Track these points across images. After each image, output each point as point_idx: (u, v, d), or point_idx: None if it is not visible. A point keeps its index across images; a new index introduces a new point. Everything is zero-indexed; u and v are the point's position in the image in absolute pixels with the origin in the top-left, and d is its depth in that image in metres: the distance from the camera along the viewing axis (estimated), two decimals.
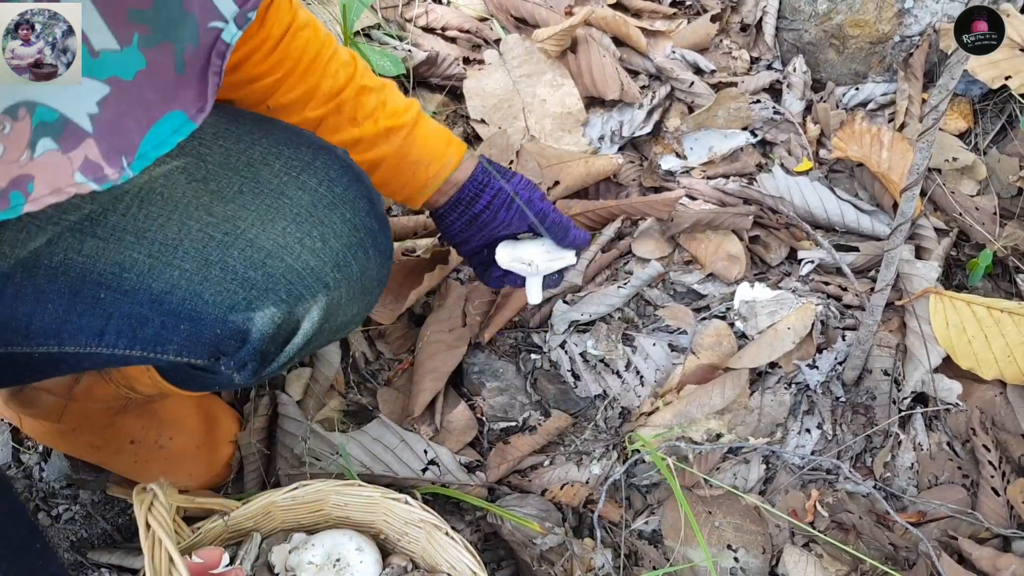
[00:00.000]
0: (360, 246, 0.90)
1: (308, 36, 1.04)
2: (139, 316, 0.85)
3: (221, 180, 0.87)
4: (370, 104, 1.08)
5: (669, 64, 1.66)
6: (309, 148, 0.92)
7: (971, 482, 1.31)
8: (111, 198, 0.85)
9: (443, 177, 1.14)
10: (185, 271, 0.84)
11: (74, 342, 0.88)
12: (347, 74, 1.07)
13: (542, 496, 1.31)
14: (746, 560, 1.27)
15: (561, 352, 1.40)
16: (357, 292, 0.92)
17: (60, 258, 0.85)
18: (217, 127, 0.90)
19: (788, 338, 1.34)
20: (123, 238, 0.85)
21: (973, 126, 1.63)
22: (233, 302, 0.84)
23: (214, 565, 1.02)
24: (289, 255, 0.85)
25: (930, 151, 1.05)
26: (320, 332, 0.90)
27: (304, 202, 0.87)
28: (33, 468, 1.37)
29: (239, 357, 0.87)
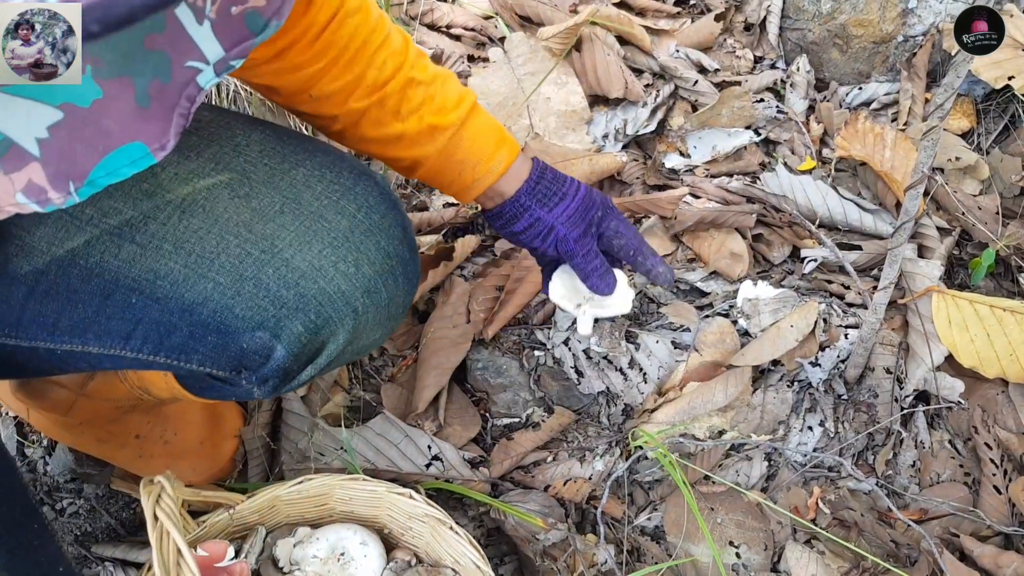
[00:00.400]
0: (391, 273, 0.91)
1: (356, 23, 0.98)
2: (168, 324, 0.87)
3: (263, 199, 0.88)
4: (416, 98, 1.02)
5: (673, 63, 1.66)
6: (351, 173, 0.93)
7: (973, 480, 1.32)
8: (153, 206, 0.86)
9: (487, 183, 1.08)
10: (219, 284, 0.85)
11: (99, 343, 0.89)
12: (395, 64, 1.01)
13: (545, 492, 1.31)
14: (748, 556, 1.27)
15: (564, 349, 1.40)
16: (383, 318, 0.93)
17: (96, 260, 0.86)
18: (263, 145, 0.92)
19: (791, 336, 1.35)
20: (161, 246, 0.86)
21: (976, 126, 1.64)
22: (263, 319, 0.85)
23: (219, 558, 1.02)
24: (323, 278, 0.86)
25: (935, 149, 1.05)
26: (344, 353, 0.92)
27: (342, 227, 0.88)
28: (38, 462, 1.38)
29: (262, 373, 0.88)
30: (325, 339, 0.88)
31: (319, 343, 0.88)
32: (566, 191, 1.10)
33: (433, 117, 1.03)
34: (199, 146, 0.90)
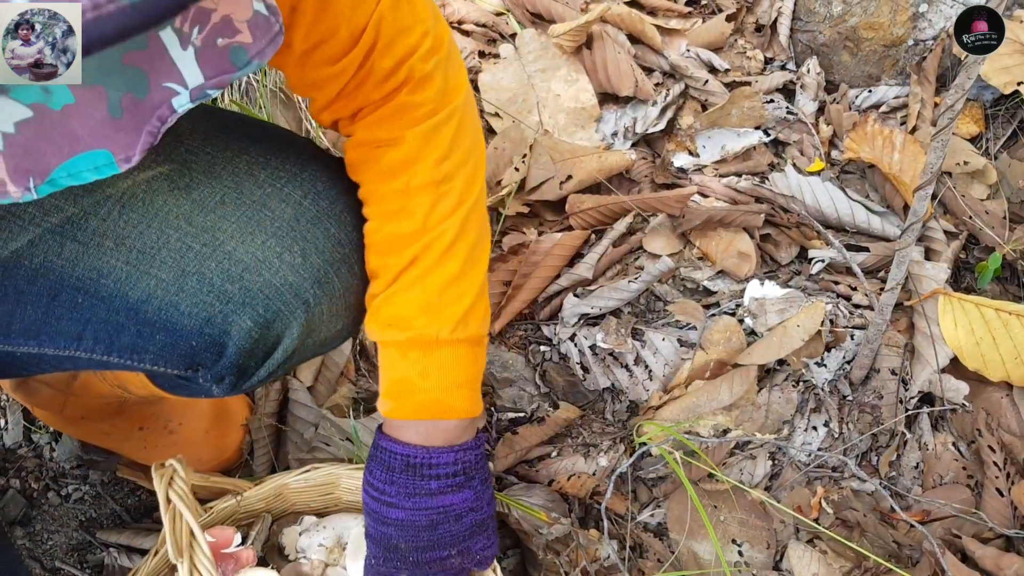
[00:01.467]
0: (344, 262, 0.88)
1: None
2: (116, 323, 0.84)
3: (203, 189, 0.85)
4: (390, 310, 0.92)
5: (684, 62, 1.66)
6: (299, 159, 0.89)
7: (975, 482, 1.32)
8: (93, 202, 0.84)
9: (418, 415, 0.93)
10: (161, 280, 0.83)
11: (53, 344, 0.87)
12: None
13: (549, 487, 1.32)
14: (750, 555, 1.28)
15: (571, 345, 1.41)
16: (340, 308, 0.89)
17: (40, 260, 0.84)
18: (207, 134, 0.89)
19: (797, 336, 1.35)
20: (102, 243, 0.84)
21: (984, 130, 1.64)
22: (209, 315, 0.83)
23: (226, 545, 1.03)
24: (267, 269, 0.83)
25: (944, 150, 1.06)
26: (303, 348, 0.88)
27: (286, 215, 0.85)
28: (44, 448, 1.38)
29: (216, 370, 0.85)
30: (279, 333, 0.85)
31: (272, 338, 0.85)
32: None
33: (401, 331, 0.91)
34: None
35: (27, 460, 1.37)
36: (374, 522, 0.94)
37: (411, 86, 0.86)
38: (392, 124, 0.87)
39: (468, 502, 0.95)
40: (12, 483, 1.34)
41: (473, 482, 0.95)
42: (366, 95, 0.86)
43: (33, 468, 1.36)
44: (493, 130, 1.62)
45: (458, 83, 0.90)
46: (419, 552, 0.94)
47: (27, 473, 1.36)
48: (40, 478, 1.36)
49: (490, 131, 1.63)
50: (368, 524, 0.95)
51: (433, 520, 0.93)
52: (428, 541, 0.94)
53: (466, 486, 0.94)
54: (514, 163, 1.54)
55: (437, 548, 0.94)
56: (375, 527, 0.94)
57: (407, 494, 0.92)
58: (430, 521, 0.93)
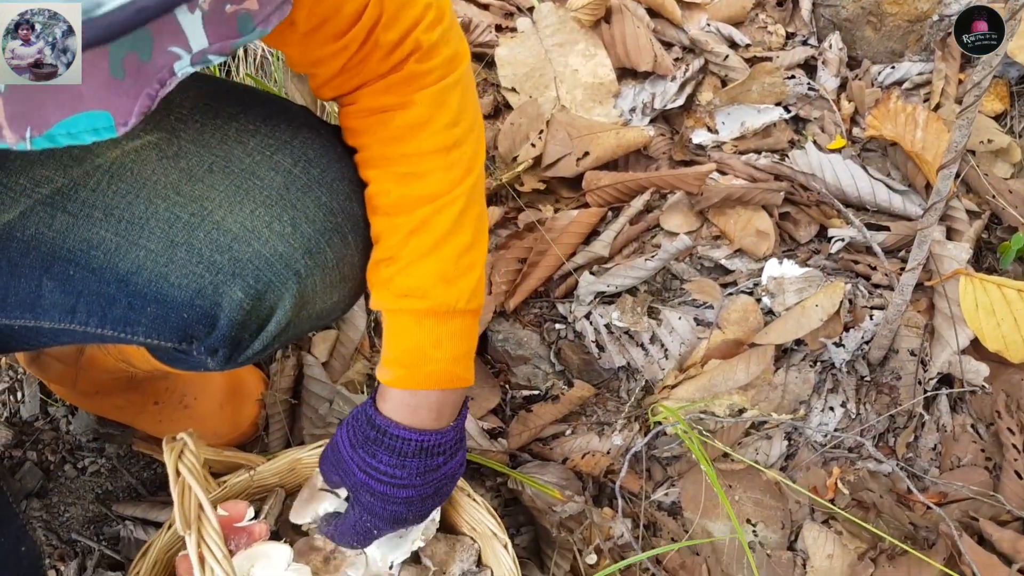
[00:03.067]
0: (336, 231, 0.86)
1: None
2: (107, 296, 0.84)
3: (192, 158, 0.84)
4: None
5: (704, 37, 1.64)
6: (289, 126, 0.87)
7: (994, 465, 1.31)
8: (82, 172, 0.83)
9: (398, 383, 0.93)
10: (151, 251, 0.82)
11: (48, 317, 0.86)
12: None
13: (563, 465, 1.31)
14: (765, 535, 1.27)
15: (586, 323, 1.40)
16: (335, 279, 0.88)
17: (32, 232, 0.83)
18: (197, 101, 0.87)
19: (815, 315, 1.34)
20: (91, 214, 0.83)
21: (1009, 108, 1.61)
22: (199, 286, 0.82)
23: (239, 518, 1.03)
24: (256, 240, 0.82)
25: (969, 129, 1.03)
26: (299, 320, 0.87)
27: (276, 184, 0.84)
28: (60, 421, 1.39)
29: (209, 343, 0.84)
30: (271, 305, 0.84)
31: (265, 309, 0.84)
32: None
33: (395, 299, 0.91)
34: None
35: (44, 433, 1.38)
36: (381, 503, 0.94)
37: (418, 55, 0.85)
38: (401, 89, 0.86)
39: (461, 460, 0.98)
40: (29, 455, 1.35)
41: (463, 442, 0.98)
42: (371, 69, 0.85)
43: (50, 441, 1.37)
44: (510, 105, 1.60)
45: (462, 52, 0.90)
46: (422, 516, 0.98)
47: (44, 446, 1.37)
48: (57, 451, 1.36)
49: (506, 106, 1.61)
50: (368, 501, 0.95)
51: (437, 488, 0.96)
52: (432, 504, 0.98)
53: (460, 447, 0.97)
54: (530, 139, 1.53)
55: (436, 504, 0.99)
56: (382, 506, 0.94)
57: (418, 473, 0.93)
58: (435, 489, 0.96)
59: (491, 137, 1.56)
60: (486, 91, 1.64)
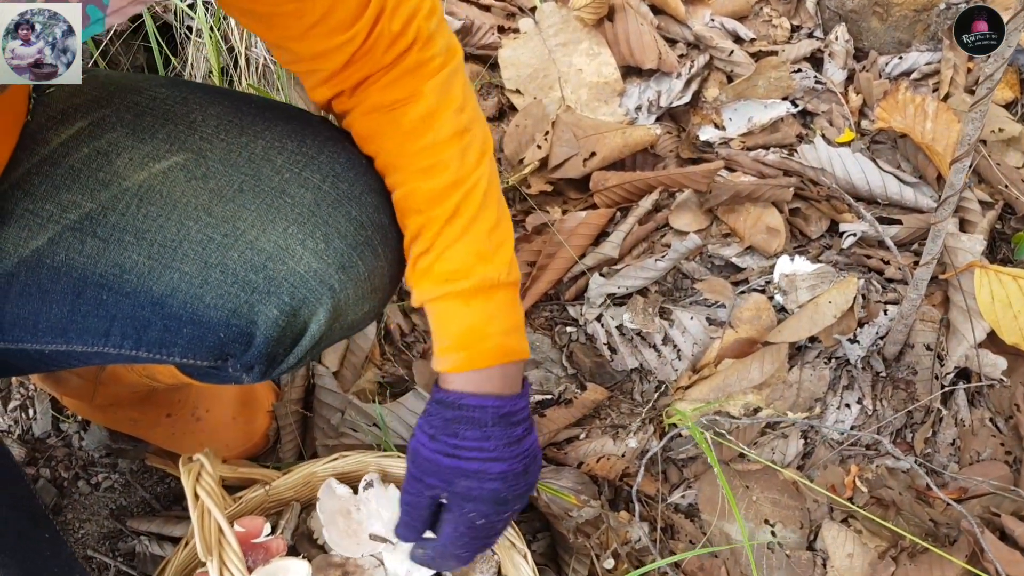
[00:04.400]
0: (367, 244, 0.86)
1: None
2: (142, 319, 0.83)
3: (221, 178, 0.84)
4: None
5: (708, 32, 1.63)
6: (315, 140, 0.88)
7: (1014, 459, 1.29)
8: (110, 196, 0.83)
9: (458, 367, 0.92)
10: (185, 274, 0.82)
11: (81, 341, 0.86)
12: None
13: (578, 469, 1.30)
14: (784, 535, 1.26)
15: (597, 325, 1.39)
16: (366, 291, 0.88)
17: (62, 258, 0.83)
18: (220, 119, 0.87)
19: (829, 312, 1.32)
20: (122, 238, 0.82)
21: (1020, 96, 1.60)
22: (235, 305, 0.82)
23: (256, 534, 1.03)
24: (291, 257, 0.82)
25: (982, 121, 1.02)
26: (330, 332, 0.87)
27: (307, 201, 0.84)
28: (72, 437, 1.39)
29: (245, 360, 0.85)
30: (305, 320, 0.84)
31: (300, 325, 0.84)
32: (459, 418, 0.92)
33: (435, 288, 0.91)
34: (153, 127, 0.86)
35: (56, 449, 1.37)
36: (478, 482, 0.91)
37: (420, 45, 0.86)
38: (408, 81, 0.86)
39: (536, 439, 0.97)
40: (42, 472, 1.34)
41: (534, 422, 0.97)
42: (376, 60, 0.85)
43: (63, 457, 1.37)
44: (514, 107, 1.59)
45: (454, 41, 0.91)
46: (521, 497, 0.95)
47: (57, 462, 1.36)
48: (70, 467, 1.36)
49: (511, 108, 1.60)
50: (464, 486, 0.91)
51: (525, 465, 0.94)
52: (525, 486, 0.95)
53: (533, 427, 0.96)
54: (536, 140, 1.52)
55: (529, 485, 0.95)
56: (479, 486, 0.91)
57: (505, 444, 0.91)
58: (524, 467, 0.93)
59: (497, 139, 1.55)
60: (490, 93, 1.63)
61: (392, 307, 1.43)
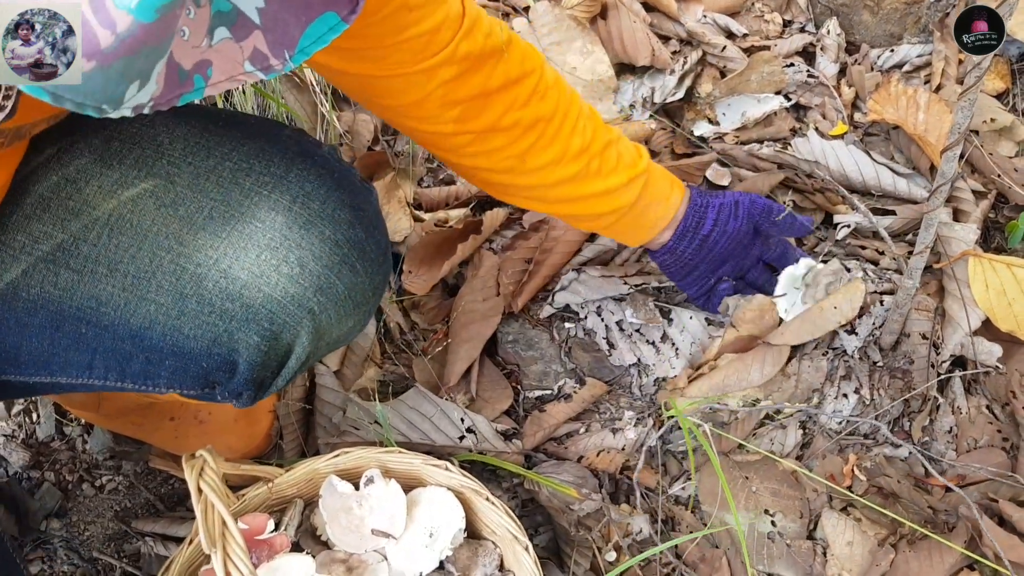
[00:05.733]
0: (344, 263, 0.86)
1: (557, 96, 1.06)
2: (123, 352, 0.83)
3: (190, 204, 0.83)
4: (613, 157, 1.12)
5: (700, 28, 1.64)
6: (283, 159, 0.87)
7: (1011, 445, 1.30)
8: (81, 226, 0.83)
9: (669, 218, 1.21)
10: (161, 305, 0.82)
11: (65, 374, 0.86)
12: (592, 128, 1.09)
13: (578, 463, 1.31)
14: (783, 524, 1.27)
15: (597, 320, 1.40)
16: (348, 309, 0.88)
17: (37, 291, 0.83)
18: (187, 141, 0.87)
19: (833, 317, 1.32)
20: (96, 270, 0.82)
21: (1011, 86, 1.61)
22: (214, 335, 0.82)
23: (259, 531, 1.04)
24: (266, 284, 0.82)
25: (972, 110, 1.03)
26: (316, 351, 0.87)
27: (277, 224, 0.83)
28: (77, 440, 1.40)
29: (232, 387, 0.85)
30: (288, 343, 0.84)
31: (283, 348, 0.84)
32: (724, 190, 1.32)
33: (629, 170, 1.13)
34: (121, 152, 0.86)
35: (60, 453, 1.38)
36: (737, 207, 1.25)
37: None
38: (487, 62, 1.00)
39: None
40: (47, 476, 1.35)
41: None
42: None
43: (67, 460, 1.38)
44: None
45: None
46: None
47: (61, 466, 1.37)
48: (74, 470, 1.37)
49: None
50: (732, 204, 1.25)
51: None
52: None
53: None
54: None
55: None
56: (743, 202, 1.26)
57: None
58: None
59: None
60: None
61: (392, 306, 1.44)
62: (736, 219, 1.24)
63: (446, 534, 1.08)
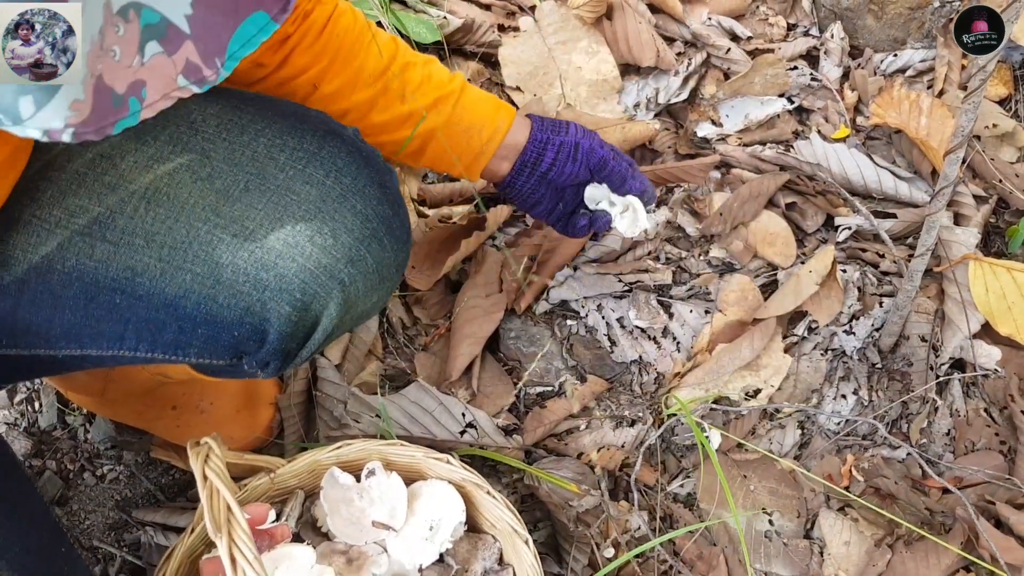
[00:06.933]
0: (373, 237, 0.88)
1: (348, 20, 1.05)
2: (156, 321, 0.84)
3: (227, 178, 0.85)
4: (416, 79, 1.09)
5: (705, 30, 1.65)
6: (315, 136, 0.89)
7: (1008, 448, 1.31)
8: (118, 200, 0.84)
9: (497, 141, 1.16)
10: (196, 275, 0.83)
11: (95, 346, 0.87)
12: (390, 52, 1.07)
13: (578, 459, 1.32)
14: (781, 524, 1.28)
15: (598, 317, 1.40)
16: (374, 282, 0.90)
17: (72, 263, 0.84)
18: (220, 118, 0.89)
19: (810, 281, 1.34)
20: (132, 242, 0.83)
21: (1014, 93, 1.62)
22: (247, 304, 0.83)
23: (260, 521, 1.04)
24: (300, 254, 0.83)
25: (976, 113, 1.04)
26: (341, 324, 0.89)
27: (312, 197, 0.85)
28: (78, 430, 1.40)
29: (260, 356, 0.86)
30: (317, 314, 0.85)
31: (311, 319, 0.86)
32: (566, 122, 1.20)
33: (435, 91, 1.10)
34: (155, 129, 0.87)
35: (62, 442, 1.39)
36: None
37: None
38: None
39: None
40: (48, 465, 1.36)
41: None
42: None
43: (68, 450, 1.38)
44: (515, 104, 1.61)
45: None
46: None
47: (62, 455, 1.38)
48: (75, 459, 1.37)
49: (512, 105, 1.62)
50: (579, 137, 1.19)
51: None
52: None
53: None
54: None
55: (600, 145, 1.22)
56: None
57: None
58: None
59: None
60: (491, 90, 1.65)
61: (394, 301, 1.45)
62: (574, 163, 1.19)
63: (446, 527, 1.09)
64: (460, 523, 1.09)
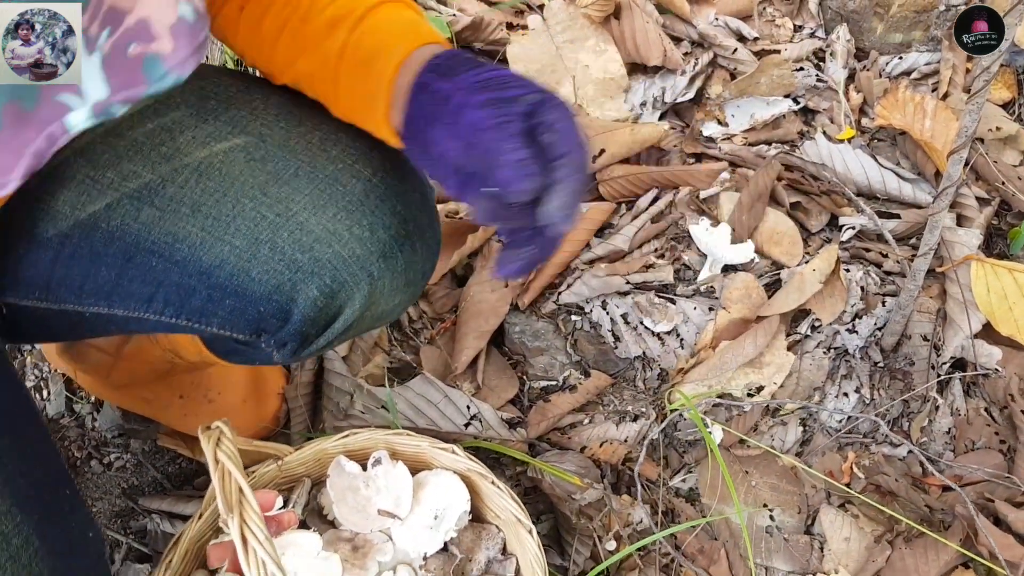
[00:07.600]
0: (408, 239, 0.90)
1: None
2: (187, 287, 0.87)
3: (279, 162, 0.87)
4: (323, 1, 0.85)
5: (712, 31, 1.66)
6: (367, 138, 0.90)
7: (1008, 447, 1.32)
8: (171, 169, 0.86)
9: (388, 76, 0.80)
10: (235, 247, 0.85)
11: (123, 306, 0.89)
12: None
13: (581, 453, 1.33)
14: (782, 519, 1.29)
15: (602, 313, 1.42)
16: (400, 284, 0.92)
17: (117, 223, 0.86)
18: (280, 109, 0.91)
19: (814, 279, 1.35)
20: (179, 210, 0.86)
21: (1017, 96, 1.63)
22: (278, 282, 0.85)
23: (268, 508, 1.05)
24: (337, 241, 0.85)
25: (979, 114, 1.05)
26: (361, 319, 0.91)
27: (356, 191, 0.87)
28: (86, 417, 1.41)
29: (280, 336, 0.88)
30: (342, 303, 0.87)
31: (335, 308, 0.87)
32: (482, 65, 0.79)
33: (333, 10, 0.83)
34: (217, 110, 0.90)
35: (70, 430, 1.40)
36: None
37: None
38: None
39: None
40: None
41: None
42: None
43: (76, 437, 1.39)
44: None
45: None
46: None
47: (70, 442, 1.39)
48: (83, 447, 1.39)
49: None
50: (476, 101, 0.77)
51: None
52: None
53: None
54: None
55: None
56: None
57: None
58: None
59: None
60: None
61: None
62: (475, 91, 0.84)
63: (451, 516, 1.10)
64: (465, 512, 1.11)
